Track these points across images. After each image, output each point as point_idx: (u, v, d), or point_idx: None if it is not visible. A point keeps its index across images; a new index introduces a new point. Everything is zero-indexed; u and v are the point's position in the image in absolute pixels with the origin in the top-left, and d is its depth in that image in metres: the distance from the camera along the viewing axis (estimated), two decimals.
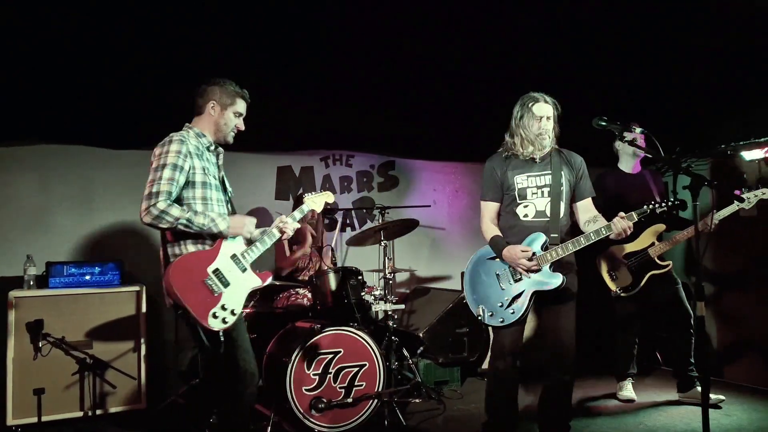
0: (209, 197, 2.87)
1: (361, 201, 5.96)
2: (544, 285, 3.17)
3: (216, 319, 2.72)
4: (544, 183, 3.27)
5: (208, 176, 2.87)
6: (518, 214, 3.29)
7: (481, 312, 3.28)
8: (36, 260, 4.35)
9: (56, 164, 4.85)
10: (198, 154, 2.86)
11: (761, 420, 4.02)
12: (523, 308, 3.19)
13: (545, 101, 3.26)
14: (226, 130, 3.01)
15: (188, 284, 2.69)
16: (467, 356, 5.05)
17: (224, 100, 2.98)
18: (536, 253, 3.17)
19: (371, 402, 3.87)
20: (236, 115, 3.02)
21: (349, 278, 4.26)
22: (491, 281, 3.31)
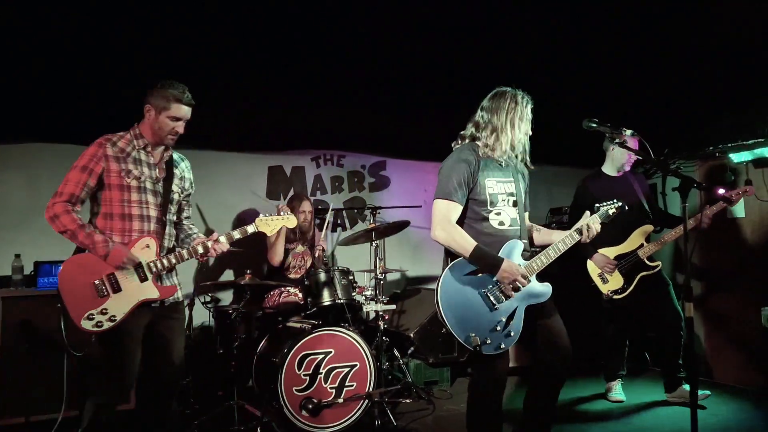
0: (128, 200, 2.84)
1: (352, 201, 5.96)
2: (537, 298, 2.88)
3: (90, 320, 2.71)
4: (511, 191, 2.96)
5: (126, 179, 2.83)
6: (492, 222, 2.89)
7: (477, 342, 2.73)
8: (24, 259, 4.31)
9: (45, 163, 4.81)
10: (121, 157, 2.84)
11: (748, 420, 4.06)
12: (520, 328, 2.82)
13: (530, 101, 2.98)
14: (161, 135, 2.92)
15: (76, 281, 2.73)
16: (457, 356, 5.06)
17: (158, 104, 2.89)
18: (520, 264, 2.86)
19: (362, 402, 3.87)
20: (171, 119, 2.89)
21: (340, 278, 4.26)
22: (477, 303, 2.79)
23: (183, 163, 3.15)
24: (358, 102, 4.96)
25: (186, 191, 3.13)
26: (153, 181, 2.92)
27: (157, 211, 2.92)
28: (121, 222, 2.84)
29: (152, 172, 2.93)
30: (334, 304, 4.19)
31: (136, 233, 2.85)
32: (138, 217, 2.86)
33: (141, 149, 2.92)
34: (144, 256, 2.83)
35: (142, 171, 2.89)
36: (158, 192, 2.94)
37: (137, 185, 2.86)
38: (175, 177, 3.03)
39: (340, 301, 4.18)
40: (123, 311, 2.75)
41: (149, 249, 2.85)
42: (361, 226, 5.91)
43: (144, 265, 2.82)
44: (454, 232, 2.82)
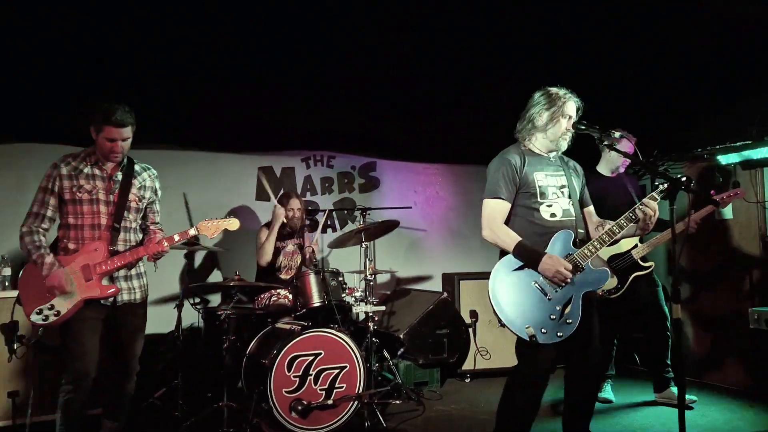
0: (80, 212, 3.11)
1: (342, 202, 5.95)
2: (595, 284, 2.89)
3: (38, 315, 3.02)
4: (563, 183, 3.02)
5: (78, 193, 3.10)
6: (543, 214, 2.93)
7: (532, 332, 2.75)
8: (10, 261, 4.27)
9: (32, 163, 4.76)
10: (74, 174, 3.11)
11: (736, 420, 4.09)
12: (578, 314, 2.82)
13: (574, 101, 3.03)
14: (104, 153, 3.13)
15: (32, 282, 3.06)
16: (447, 357, 5.07)
17: (95, 125, 3.09)
18: (571, 253, 2.87)
19: (351, 403, 3.87)
20: (108, 140, 3.07)
21: (329, 279, 4.25)
22: (531, 293, 2.83)
23: (146, 173, 3.34)
24: (348, 103, 4.96)
25: (146, 199, 3.32)
26: (106, 193, 3.16)
27: (108, 218, 3.16)
28: (74, 231, 3.12)
29: (105, 184, 3.17)
30: (324, 305, 4.18)
31: (87, 240, 3.12)
32: (89, 226, 3.12)
33: (93, 165, 3.16)
34: (91, 258, 3.09)
35: (94, 184, 3.14)
36: (111, 202, 3.17)
37: (89, 198, 3.12)
38: (133, 187, 3.25)
39: (330, 303, 4.18)
40: (66, 307, 3.04)
41: (96, 252, 3.10)
42: (351, 227, 5.90)
43: (90, 267, 3.08)
44: (498, 230, 2.90)
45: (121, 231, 3.20)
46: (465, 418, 4.23)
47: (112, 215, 3.18)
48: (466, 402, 4.63)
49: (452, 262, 6.14)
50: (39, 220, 3.13)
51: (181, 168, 5.24)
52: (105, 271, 3.10)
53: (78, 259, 3.10)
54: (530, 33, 4.07)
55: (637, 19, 3.89)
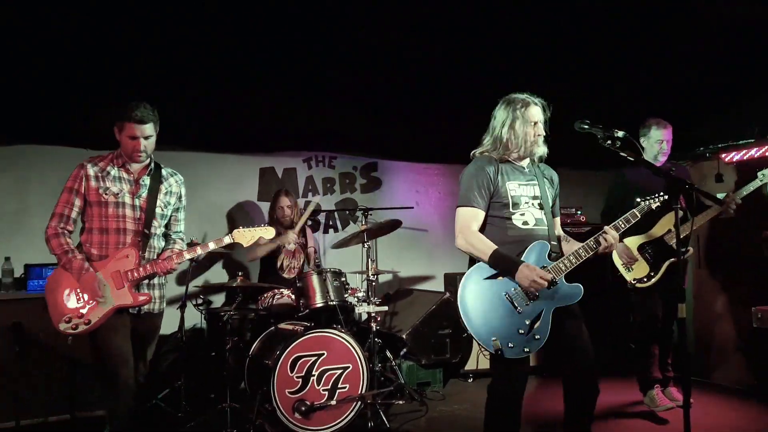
0: (105, 215, 3.04)
1: (344, 202, 5.96)
2: (567, 300, 2.80)
3: (67, 324, 2.92)
4: (535, 194, 2.95)
5: (105, 195, 3.03)
6: (515, 222, 2.87)
7: (498, 346, 2.67)
8: (14, 262, 4.28)
9: (34, 165, 4.78)
10: (100, 176, 3.06)
11: (738, 419, 4.09)
12: (547, 330, 2.74)
13: (535, 103, 2.97)
14: (127, 152, 3.09)
15: (62, 286, 2.96)
16: (450, 357, 5.07)
17: (118, 125, 3.07)
18: (545, 266, 2.80)
19: (354, 404, 3.86)
20: (130, 138, 3.05)
21: (332, 280, 4.25)
22: (501, 305, 2.74)
23: (172, 178, 3.29)
24: (349, 103, 4.96)
25: (171, 206, 3.25)
26: (132, 197, 3.09)
27: (135, 224, 3.08)
28: (99, 236, 3.04)
29: (132, 187, 3.11)
30: (327, 305, 4.18)
31: (112, 245, 3.03)
32: (114, 230, 3.04)
33: (120, 167, 3.11)
34: (123, 265, 3.01)
35: (120, 187, 3.08)
36: (137, 206, 3.10)
37: (115, 200, 3.05)
38: (160, 192, 3.19)
39: (332, 303, 4.18)
40: (97, 316, 2.94)
41: (128, 259, 3.02)
42: (353, 227, 5.91)
43: (122, 274, 2.99)
44: (472, 238, 2.83)
45: (150, 237, 3.13)
46: (468, 419, 4.23)
47: (140, 221, 3.10)
48: (469, 402, 4.63)
49: (454, 262, 6.13)
50: (64, 221, 3.04)
51: (182, 169, 5.12)
52: (137, 279, 3.02)
53: (109, 265, 3.01)
54: (532, 32, 4.06)
55: (641, 18, 3.89)
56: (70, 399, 4.01)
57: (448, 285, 5.68)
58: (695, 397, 4.38)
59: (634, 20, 3.91)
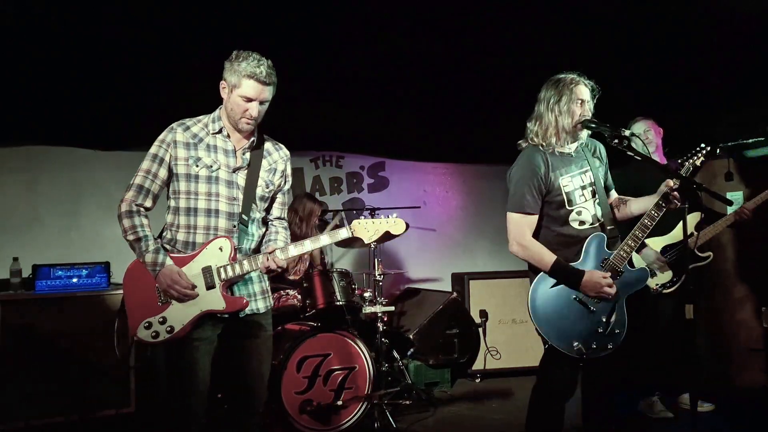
0: (195, 191, 2.48)
1: (351, 202, 5.95)
2: (636, 286, 2.76)
3: (147, 330, 2.40)
4: (588, 182, 2.80)
5: (194, 167, 2.48)
6: (572, 224, 2.76)
7: (582, 349, 2.64)
8: (22, 262, 4.30)
9: (44, 166, 4.81)
10: (192, 143, 2.50)
11: (753, 420, 4.07)
12: (625, 321, 2.72)
13: (584, 83, 2.79)
14: (234, 117, 2.52)
15: (139, 284, 2.45)
16: (457, 357, 5.05)
17: (231, 80, 2.50)
18: (606, 258, 2.73)
19: (361, 404, 3.86)
20: (244, 99, 2.48)
21: (339, 280, 4.25)
22: (575, 310, 2.68)
23: (277, 153, 2.74)
24: (357, 103, 4.95)
25: (273, 185, 2.68)
26: (229, 171, 2.54)
27: (229, 205, 2.52)
28: (185, 217, 2.50)
29: (229, 159, 2.55)
30: (333, 306, 4.17)
31: (201, 230, 2.49)
32: (204, 211, 2.49)
33: (217, 134, 2.56)
34: (216, 260, 2.45)
35: (215, 159, 2.52)
36: (235, 183, 2.54)
37: (207, 174, 2.49)
38: (262, 168, 2.62)
39: (339, 303, 4.17)
40: (182, 322, 2.41)
41: (222, 252, 2.46)
42: None
43: (213, 270, 2.45)
44: (530, 248, 2.72)
45: (248, 223, 2.56)
46: (476, 419, 4.21)
47: (237, 201, 2.53)
48: (477, 402, 4.61)
49: (462, 261, 6.12)
50: (142, 195, 2.47)
51: None
52: (232, 278, 2.48)
53: (198, 258, 2.45)
54: (541, 28, 4.04)
55: (649, 15, 3.85)
56: (81, 399, 4.02)
57: (456, 285, 5.65)
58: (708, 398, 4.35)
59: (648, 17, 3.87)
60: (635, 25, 3.96)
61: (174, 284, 2.39)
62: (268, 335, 2.66)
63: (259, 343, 2.61)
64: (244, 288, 2.58)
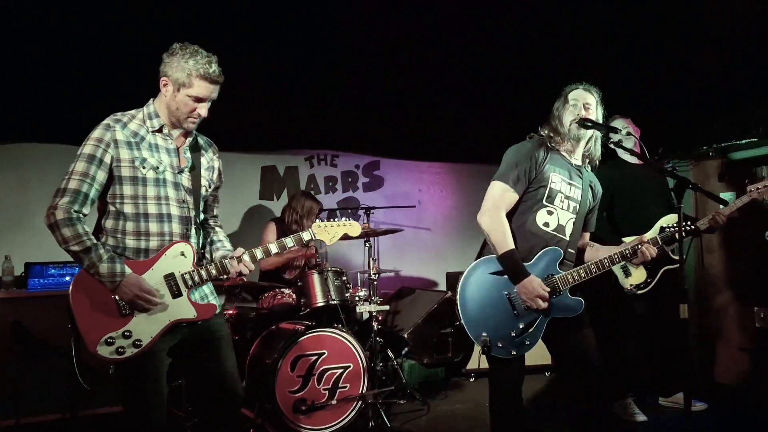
0: (143, 195, 2.32)
1: (346, 201, 5.94)
2: (566, 312, 2.71)
3: (110, 346, 2.18)
4: (573, 195, 2.81)
5: (140, 169, 2.31)
6: (538, 219, 2.74)
7: (487, 341, 2.63)
8: (14, 261, 4.27)
9: (36, 163, 4.78)
10: (133, 142, 2.31)
11: (743, 420, 4.07)
12: (538, 337, 2.70)
13: (586, 89, 2.84)
14: (178, 116, 2.37)
15: (93, 295, 2.22)
16: (452, 356, 5.05)
17: (177, 77, 2.33)
18: (553, 274, 2.71)
19: (355, 403, 3.85)
20: (193, 99, 2.34)
21: (333, 279, 4.24)
22: (500, 304, 2.68)
23: (211, 150, 2.63)
24: (352, 102, 4.94)
25: (214, 183, 2.60)
26: (174, 172, 2.39)
27: (180, 208, 2.40)
28: (134, 223, 2.32)
29: (172, 159, 2.40)
30: (328, 305, 4.16)
31: (154, 236, 2.34)
32: (156, 216, 2.34)
33: (156, 132, 2.39)
34: (178, 266, 2.34)
35: (160, 159, 2.36)
36: (181, 185, 2.41)
37: (154, 176, 2.33)
38: (202, 167, 2.51)
39: (333, 302, 4.16)
40: (151, 334, 2.25)
41: (184, 257, 2.36)
42: None
43: (177, 277, 2.33)
44: (497, 222, 2.68)
45: (196, 225, 2.46)
46: (470, 418, 4.21)
47: (185, 204, 2.40)
48: (470, 401, 4.61)
49: (456, 260, 6.11)
50: (80, 201, 2.24)
51: None
52: (198, 284, 2.38)
53: (157, 265, 2.31)
54: (535, 30, 4.05)
55: (645, 16, 3.87)
56: (72, 397, 4.00)
57: (451, 284, 5.66)
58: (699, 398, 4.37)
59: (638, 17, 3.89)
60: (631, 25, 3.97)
61: (142, 293, 2.24)
62: (227, 334, 2.59)
63: (224, 342, 2.53)
64: (198, 292, 2.45)
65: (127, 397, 2.31)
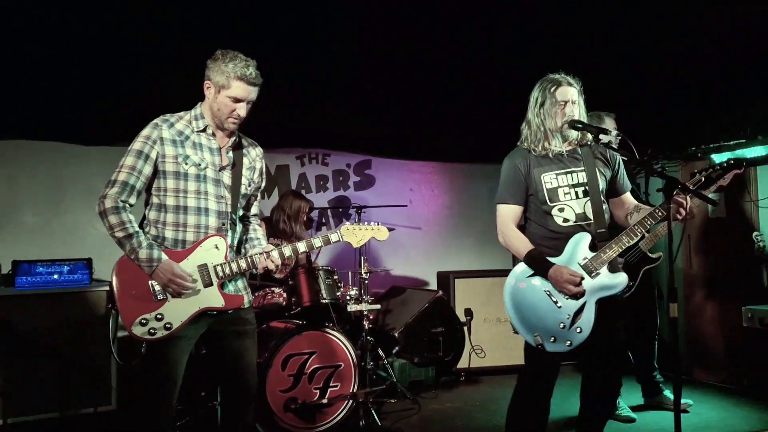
0: (184, 189, 2.50)
1: (338, 200, 5.93)
2: (608, 290, 2.73)
3: (143, 326, 2.40)
4: (578, 181, 2.81)
5: (183, 165, 2.50)
6: (555, 219, 2.80)
7: (539, 340, 2.71)
8: (2, 258, 4.23)
9: (25, 160, 4.74)
10: (178, 140, 2.52)
11: (730, 418, 4.10)
12: (591, 323, 2.69)
13: (568, 83, 2.83)
14: (220, 116, 2.56)
15: (132, 280, 2.43)
16: (442, 356, 5.06)
17: (218, 80, 2.52)
18: (586, 257, 2.74)
19: (346, 402, 3.85)
20: (232, 100, 2.52)
21: (324, 278, 4.23)
22: (542, 301, 2.75)
23: (254, 151, 2.81)
24: (344, 100, 4.94)
25: (254, 183, 2.76)
26: (215, 169, 2.57)
27: (218, 203, 2.56)
28: (174, 215, 2.51)
29: (215, 158, 2.58)
30: (319, 304, 4.16)
31: (191, 228, 2.51)
32: (194, 209, 2.52)
33: (201, 132, 2.58)
34: (211, 257, 2.52)
35: (202, 157, 2.54)
36: (221, 182, 2.58)
37: (196, 173, 2.52)
38: (244, 167, 2.69)
39: (324, 301, 4.16)
40: (181, 319, 2.44)
41: (218, 250, 2.53)
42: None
43: (210, 268, 2.51)
44: (510, 236, 2.85)
45: (234, 221, 2.64)
46: (460, 417, 4.23)
47: (224, 200, 2.57)
48: (461, 400, 4.63)
49: (447, 260, 6.13)
50: (127, 192, 2.45)
51: None
52: (229, 276, 2.54)
53: (192, 255, 2.49)
54: (525, 29, 4.05)
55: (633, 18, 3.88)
56: (60, 397, 3.97)
57: (441, 283, 5.66)
58: (686, 396, 4.39)
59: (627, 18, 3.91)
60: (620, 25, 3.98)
61: (175, 278, 2.42)
62: (254, 328, 2.72)
63: (248, 336, 2.67)
64: (232, 284, 2.62)
65: (143, 375, 2.54)
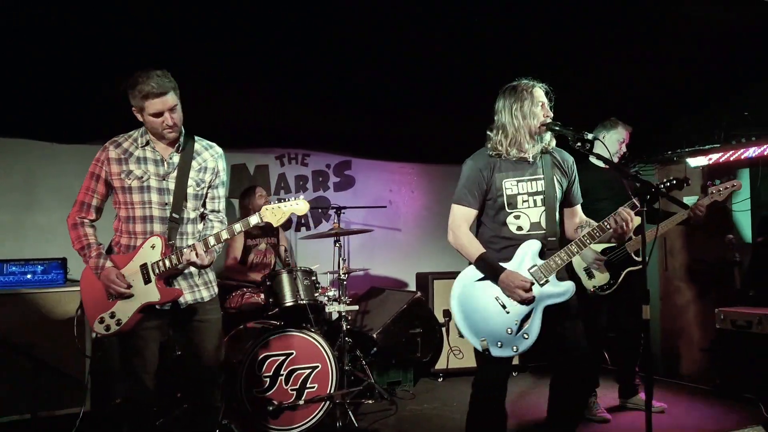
0: (130, 202, 2.78)
1: (317, 200, 5.92)
2: (557, 297, 2.76)
3: (101, 324, 2.76)
4: (537, 189, 2.83)
5: (126, 180, 2.76)
6: (509, 226, 2.82)
7: (486, 345, 2.73)
8: None
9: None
10: (123, 158, 2.78)
11: (703, 418, 4.17)
12: (536, 329, 2.73)
13: (540, 87, 2.87)
14: (156, 131, 2.77)
15: (93, 284, 2.80)
16: (420, 357, 5.07)
17: (136, 104, 2.73)
18: (536, 264, 2.77)
19: (323, 404, 3.85)
20: (154, 116, 2.71)
21: (302, 279, 4.22)
22: (490, 306, 2.77)
23: (207, 152, 2.95)
24: (324, 100, 4.92)
25: (205, 183, 2.92)
26: (159, 179, 2.80)
27: (161, 210, 2.80)
28: (126, 224, 2.82)
29: (159, 168, 2.81)
30: (297, 304, 4.15)
31: (140, 235, 2.79)
32: (140, 218, 2.79)
33: (145, 146, 2.82)
34: (150, 257, 2.75)
35: (146, 169, 2.79)
36: (165, 189, 2.81)
37: (139, 185, 2.77)
38: (192, 169, 2.86)
39: (302, 302, 4.14)
40: (128, 314, 2.74)
41: (154, 249, 2.75)
42: (326, 225, 5.89)
43: (149, 266, 2.74)
44: (461, 239, 2.86)
45: (182, 222, 2.83)
46: (438, 417, 4.24)
47: (168, 205, 2.80)
48: (438, 401, 4.64)
49: (426, 261, 6.14)
50: (85, 210, 2.81)
51: None
52: (165, 272, 2.74)
53: (135, 257, 2.76)
54: (505, 32, 4.08)
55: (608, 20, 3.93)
56: (35, 398, 3.90)
57: (420, 284, 5.68)
58: (661, 396, 4.46)
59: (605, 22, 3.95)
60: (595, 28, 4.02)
61: (111, 283, 2.72)
62: (216, 318, 2.95)
63: (208, 326, 2.90)
64: (183, 280, 2.86)
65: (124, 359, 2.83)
